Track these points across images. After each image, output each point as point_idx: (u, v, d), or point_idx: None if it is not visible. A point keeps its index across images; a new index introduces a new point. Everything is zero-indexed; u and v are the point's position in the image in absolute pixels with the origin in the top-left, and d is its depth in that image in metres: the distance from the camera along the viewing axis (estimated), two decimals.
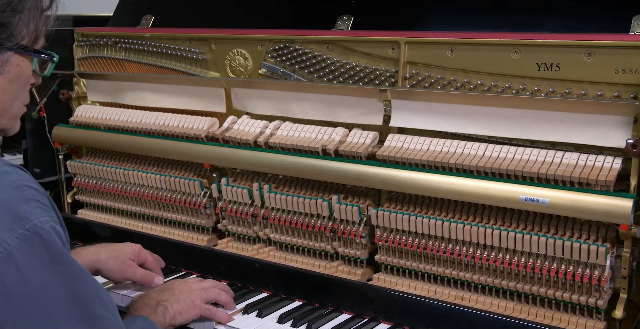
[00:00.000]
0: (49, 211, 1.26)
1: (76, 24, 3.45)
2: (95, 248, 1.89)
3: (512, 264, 1.68)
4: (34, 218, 1.21)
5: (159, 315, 1.59)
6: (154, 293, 1.67)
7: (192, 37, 2.34)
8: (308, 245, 1.99)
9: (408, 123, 1.88)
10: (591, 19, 1.75)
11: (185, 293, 1.67)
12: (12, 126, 1.42)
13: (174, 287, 1.69)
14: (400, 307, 1.68)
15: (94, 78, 2.53)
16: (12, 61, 1.34)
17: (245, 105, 2.18)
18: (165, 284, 1.72)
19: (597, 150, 1.66)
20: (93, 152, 2.52)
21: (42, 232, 1.21)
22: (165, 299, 1.63)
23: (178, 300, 1.64)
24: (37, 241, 1.21)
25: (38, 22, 1.35)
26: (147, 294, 1.67)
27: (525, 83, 1.74)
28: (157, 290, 1.69)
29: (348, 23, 2.12)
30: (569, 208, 1.58)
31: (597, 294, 1.61)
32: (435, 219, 1.76)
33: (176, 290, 1.68)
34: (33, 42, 1.37)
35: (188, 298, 1.67)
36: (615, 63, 1.62)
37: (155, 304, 1.61)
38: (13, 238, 1.18)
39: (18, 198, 1.22)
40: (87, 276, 1.31)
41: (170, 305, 1.62)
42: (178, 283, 1.72)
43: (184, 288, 1.69)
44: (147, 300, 1.63)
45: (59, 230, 1.27)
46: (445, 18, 2.03)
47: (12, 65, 1.34)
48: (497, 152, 1.72)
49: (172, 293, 1.66)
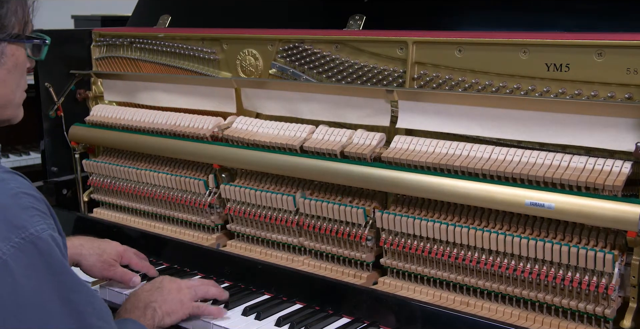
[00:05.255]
0: (47, 219, 1.25)
1: (104, 24, 3.51)
2: (79, 241, 1.90)
3: (517, 270, 1.63)
4: (30, 227, 1.20)
5: (148, 318, 1.59)
6: (143, 293, 1.66)
7: (204, 37, 2.34)
8: (314, 246, 1.98)
9: (415, 125, 1.85)
10: (602, 18, 1.69)
11: (173, 292, 1.68)
12: (16, 115, 1.42)
13: (163, 286, 1.69)
14: (401, 312, 1.64)
15: (110, 78, 2.54)
16: (7, 51, 1.33)
17: (254, 106, 2.17)
18: (154, 283, 1.71)
19: (608, 154, 1.60)
20: (108, 151, 2.53)
21: (38, 241, 1.20)
22: (154, 300, 1.63)
23: (166, 300, 1.64)
24: (33, 250, 1.19)
25: (24, 8, 1.35)
26: (136, 295, 1.67)
27: (534, 84, 1.69)
28: (146, 290, 1.68)
29: (360, 22, 2.09)
30: (575, 213, 1.53)
31: (605, 303, 1.56)
32: (440, 223, 1.72)
33: (165, 290, 1.68)
34: (23, 29, 1.36)
35: (177, 297, 1.67)
36: (626, 64, 1.56)
37: (144, 306, 1.61)
38: (9, 247, 1.17)
39: (15, 206, 1.20)
40: (82, 285, 1.30)
41: (158, 306, 1.62)
42: (167, 282, 1.72)
43: (172, 287, 1.70)
44: (136, 301, 1.63)
45: (57, 238, 1.25)
46: (460, 17, 1.98)
47: (8, 55, 1.33)
48: (503, 155, 1.68)
49: (161, 292, 1.66)
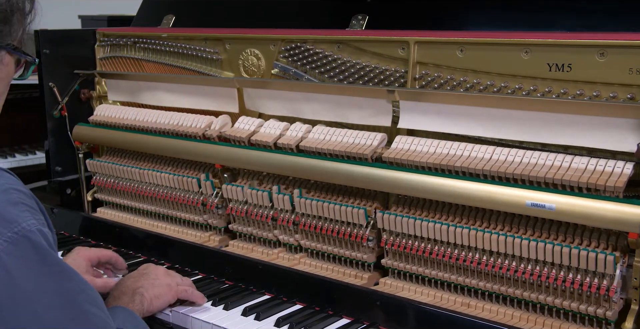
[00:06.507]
0: (36, 214, 1.26)
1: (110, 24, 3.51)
2: None
3: (518, 271, 1.62)
4: (22, 221, 1.21)
5: (137, 303, 1.61)
6: (130, 280, 1.70)
7: (207, 37, 2.33)
8: (316, 247, 1.97)
9: (416, 125, 1.84)
10: (604, 18, 1.68)
11: (160, 277, 1.71)
12: None
13: (149, 271, 1.73)
14: (401, 313, 1.64)
15: (114, 78, 2.55)
16: (5, 61, 1.33)
17: (256, 106, 2.17)
18: (140, 270, 1.75)
19: (611, 155, 1.59)
20: (111, 151, 2.54)
21: (30, 235, 1.21)
22: (141, 285, 1.66)
23: (153, 285, 1.68)
24: (25, 243, 1.21)
25: (24, 24, 1.35)
26: (123, 282, 1.70)
27: (536, 84, 1.68)
28: (133, 276, 1.71)
29: (363, 22, 2.08)
30: (576, 214, 1.52)
31: (606, 305, 1.55)
32: (441, 223, 1.72)
33: (151, 275, 1.71)
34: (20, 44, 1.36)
35: (164, 281, 1.70)
36: (629, 64, 1.55)
37: (132, 292, 1.64)
38: (1, 242, 1.18)
39: (5, 202, 1.22)
40: (74, 273, 1.31)
41: (145, 291, 1.65)
42: (152, 268, 1.76)
43: (159, 272, 1.74)
44: (124, 288, 1.66)
45: (46, 232, 1.27)
46: (462, 17, 1.97)
47: (4, 64, 1.33)
48: (504, 155, 1.67)
49: (147, 278, 1.70)
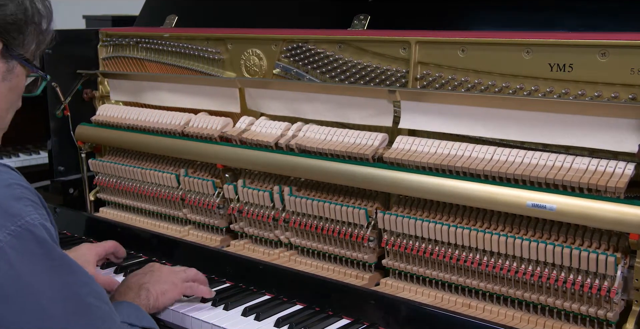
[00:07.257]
0: (39, 209, 1.28)
1: (115, 24, 3.52)
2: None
3: (519, 272, 1.62)
4: (25, 215, 1.23)
5: (143, 299, 1.63)
6: (135, 277, 1.72)
7: (209, 37, 2.33)
8: (317, 247, 1.97)
9: (417, 125, 1.83)
10: (606, 17, 1.67)
11: (165, 274, 1.73)
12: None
13: (154, 269, 1.75)
14: (401, 313, 1.63)
15: (116, 78, 2.55)
16: (16, 71, 1.35)
17: (258, 106, 2.17)
18: (146, 268, 1.77)
19: (612, 155, 1.58)
20: (113, 151, 2.54)
21: (34, 229, 1.23)
22: (147, 281, 1.69)
23: (159, 281, 1.70)
24: (29, 237, 1.22)
25: (38, 40, 1.36)
26: (128, 279, 1.72)
27: (537, 84, 1.67)
28: (138, 274, 1.74)
29: (365, 22, 2.08)
30: (577, 215, 1.51)
31: (607, 306, 1.54)
32: (442, 224, 1.71)
33: (156, 272, 1.73)
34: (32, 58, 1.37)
35: (169, 278, 1.72)
36: (630, 64, 1.54)
37: (137, 288, 1.66)
38: (5, 235, 1.20)
39: (9, 196, 1.24)
40: (77, 267, 1.33)
41: (151, 286, 1.67)
42: (157, 266, 1.78)
43: (164, 269, 1.76)
44: (130, 284, 1.68)
45: (49, 228, 1.29)
46: (463, 17, 1.97)
47: (15, 74, 1.35)
48: (505, 156, 1.66)
49: (152, 275, 1.72)
